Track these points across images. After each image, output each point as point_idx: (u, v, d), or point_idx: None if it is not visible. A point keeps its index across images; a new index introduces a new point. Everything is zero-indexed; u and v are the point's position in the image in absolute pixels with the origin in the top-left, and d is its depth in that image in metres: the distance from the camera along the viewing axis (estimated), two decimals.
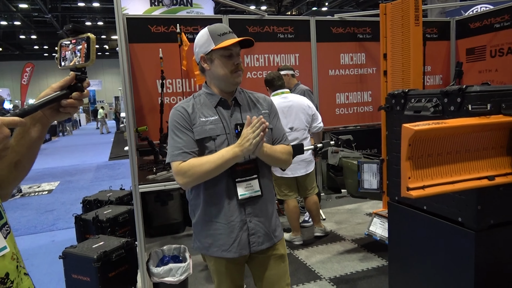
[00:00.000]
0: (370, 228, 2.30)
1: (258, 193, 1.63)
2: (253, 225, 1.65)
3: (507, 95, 1.18)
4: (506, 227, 1.27)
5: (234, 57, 1.62)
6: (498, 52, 5.49)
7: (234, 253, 1.65)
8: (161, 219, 4.43)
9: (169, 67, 4.81)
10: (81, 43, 1.00)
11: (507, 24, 5.34)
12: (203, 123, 1.63)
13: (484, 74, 5.62)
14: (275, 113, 1.77)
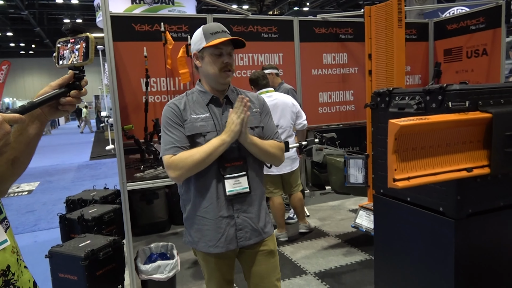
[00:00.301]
0: (356, 221, 2.38)
1: (246, 190, 1.66)
2: (241, 221, 1.68)
3: (483, 93, 1.27)
4: (482, 215, 1.36)
5: (224, 56, 1.64)
6: (473, 53, 5.70)
7: (221, 248, 1.68)
8: (147, 218, 4.44)
9: (154, 65, 4.80)
10: (79, 42, 1.03)
11: (482, 26, 5.55)
12: (194, 120, 1.67)
13: (460, 74, 5.83)
14: (266, 112, 1.80)
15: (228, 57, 1.65)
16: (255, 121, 1.73)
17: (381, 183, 1.61)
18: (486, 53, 5.54)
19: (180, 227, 4.62)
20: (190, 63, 4.90)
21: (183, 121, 1.68)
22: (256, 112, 1.75)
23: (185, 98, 1.75)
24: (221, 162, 1.64)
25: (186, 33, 4.96)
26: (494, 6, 5.41)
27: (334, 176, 3.60)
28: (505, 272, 1.44)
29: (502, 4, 5.29)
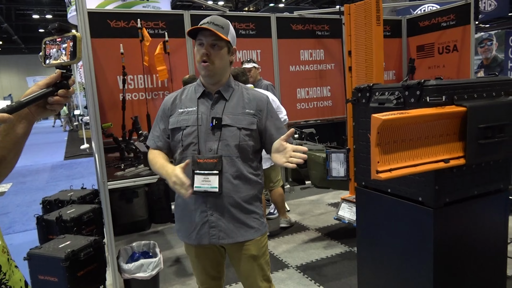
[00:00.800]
0: (339, 213, 2.44)
1: (214, 190, 1.61)
2: (214, 219, 1.66)
3: (457, 88, 1.34)
4: (458, 204, 1.44)
5: (204, 46, 1.59)
6: (445, 49, 5.89)
7: (194, 240, 1.69)
8: (126, 217, 4.39)
9: (131, 63, 4.74)
10: (66, 41, 1.03)
11: (453, 23, 5.74)
12: (179, 114, 1.68)
13: (433, 69, 6.00)
14: (267, 114, 1.70)
15: (208, 48, 1.59)
16: (245, 122, 1.65)
17: (362, 175, 1.66)
18: (457, 49, 5.73)
19: (161, 225, 4.60)
20: (168, 60, 4.87)
21: (169, 115, 1.70)
22: (249, 114, 1.67)
23: (180, 92, 1.77)
24: (194, 156, 1.63)
25: (163, 30, 4.91)
26: (463, 3, 5.59)
27: (314, 171, 3.66)
28: (479, 256, 1.53)
29: (471, 1, 5.48)
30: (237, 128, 1.64)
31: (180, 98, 1.74)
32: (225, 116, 1.65)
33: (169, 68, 4.90)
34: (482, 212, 1.51)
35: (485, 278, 1.56)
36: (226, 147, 1.63)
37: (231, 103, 1.68)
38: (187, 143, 1.66)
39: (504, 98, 1.40)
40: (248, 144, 1.66)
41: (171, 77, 4.96)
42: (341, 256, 3.54)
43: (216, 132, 1.63)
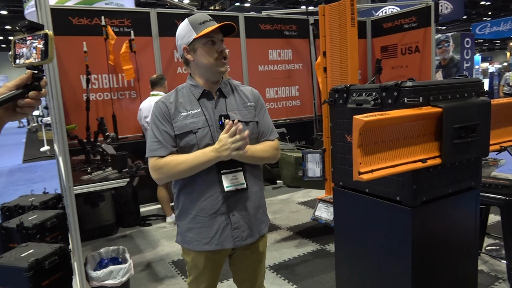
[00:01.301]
0: (316, 213, 2.46)
1: (243, 186, 1.58)
2: (236, 219, 1.61)
3: (433, 89, 1.38)
4: (434, 202, 1.48)
5: (217, 44, 1.56)
6: (407, 50, 6.09)
7: (216, 245, 1.62)
8: (92, 222, 4.23)
9: (95, 61, 4.58)
10: (37, 40, 0.97)
11: (414, 25, 5.94)
12: (183, 117, 1.60)
13: (396, 69, 6.20)
14: (261, 106, 1.71)
15: (221, 45, 1.57)
16: (249, 115, 1.65)
17: (340, 176, 1.67)
18: (419, 50, 5.94)
19: (129, 229, 4.47)
20: (134, 59, 4.74)
21: (171, 120, 1.61)
22: (251, 107, 1.67)
23: (175, 94, 1.67)
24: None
25: (129, 28, 4.78)
26: (424, 6, 5.80)
27: (285, 171, 3.68)
28: (453, 252, 1.58)
29: (432, 4, 5.69)
30: (245, 123, 1.61)
31: (178, 101, 1.65)
32: (231, 113, 1.61)
33: (136, 67, 4.78)
34: (455, 210, 1.57)
35: (459, 273, 1.61)
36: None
37: (231, 99, 1.66)
38: (203, 145, 1.58)
39: (475, 99, 1.45)
40: (254, 137, 1.65)
41: (138, 77, 4.84)
42: (313, 254, 3.57)
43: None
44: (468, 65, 11.56)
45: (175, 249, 3.82)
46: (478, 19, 20.82)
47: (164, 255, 3.71)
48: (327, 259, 3.43)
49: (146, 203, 5.07)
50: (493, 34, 15.36)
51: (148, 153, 1.61)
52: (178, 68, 5.13)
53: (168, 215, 4.43)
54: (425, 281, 1.48)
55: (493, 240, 3.47)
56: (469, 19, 20.69)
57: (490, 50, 33.85)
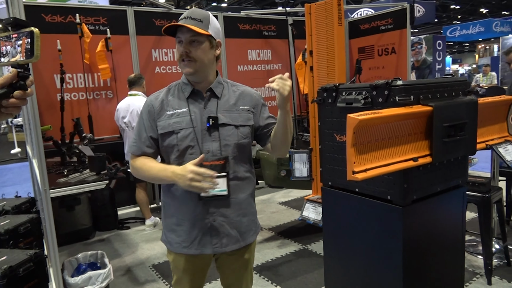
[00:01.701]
0: (303, 214, 2.44)
1: (223, 193, 1.52)
2: (217, 225, 1.56)
3: (422, 88, 1.38)
4: (424, 201, 1.49)
5: (183, 44, 1.50)
6: (384, 51, 6.19)
7: (195, 250, 1.59)
8: (68, 226, 4.08)
9: (69, 60, 4.43)
10: (22, 37, 0.91)
11: (391, 27, 6.05)
12: (168, 116, 1.55)
13: (373, 70, 6.29)
14: (260, 108, 1.64)
15: (187, 46, 1.50)
16: (241, 119, 1.57)
17: (329, 175, 1.66)
18: (395, 52, 6.05)
19: (107, 233, 4.34)
20: (111, 58, 4.62)
21: (156, 119, 1.57)
22: (244, 110, 1.59)
23: (165, 92, 1.62)
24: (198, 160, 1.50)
25: (105, 26, 4.65)
26: (400, 8, 5.91)
27: (267, 171, 3.66)
28: (441, 250, 1.60)
29: (407, 7, 5.80)
30: (234, 127, 1.55)
31: (167, 99, 1.60)
32: (221, 115, 1.55)
33: (112, 66, 4.66)
34: (444, 207, 1.58)
35: (447, 269, 1.63)
36: (225, 147, 1.54)
37: (223, 100, 1.59)
38: (184, 146, 1.53)
39: (463, 98, 1.47)
40: (245, 142, 1.59)
41: (115, 76, 4.72)
42: (295, 254, 3.57)
43: (213, 132, 1.53)
44: (440, 66, 11.89)
45: (155, 252, 3.73)
46: (449, 22, 21.49)
47: (144, 259, 3.62)
48: (310, 259, 3.44)
49: (124, 205, 4.95)
50: (463, 37, 15.86)
51: (129, 148, 1.65)
52: (156, 67, 5.03)
53: (147, 217, 4.33)
54: (415, 279, 1.48)
55: (470, 237, 3.56)
56: (440, 22, 21.32)
57: (459, 52, 35.00)
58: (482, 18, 16.73)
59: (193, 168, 1.38)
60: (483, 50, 19.40)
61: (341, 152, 1.57)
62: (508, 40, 12.56)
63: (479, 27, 14.90)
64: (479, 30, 14.91)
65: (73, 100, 4.57)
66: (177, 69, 5.05)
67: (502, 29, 14.71)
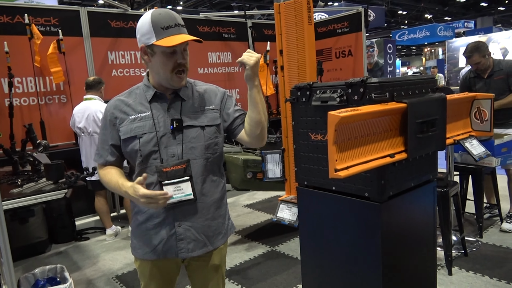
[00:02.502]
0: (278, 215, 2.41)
1: (189, 197, 1.46)
2: (182, 230, 1.51)
3: (396, 86, 1.41)
4: (399, 196, 1.52)
5: (178, 55, 1.42)
6: (341, 54, 6.36)
7: (159, 255, 1.54)
8: (21, 240, 3.82)
9: (18, 63, 4.16)
10: None
11: (347, 30, 6.23)
12: (131, 121, 1.48)
13: (332, 72, 6.44)
14: (225, 102, 1.60)
15: (182, 56, 1.44)
16: (206, 119, 1.51)
17: (304, 175, 1.66)
18: (351, 54, 6.23)
19: (64, 245, 4.11)
20: (64, 60, 4.39)
21: (118, 125, 1.50)
22: (210, 110, 1.54)
23: (126, 95, 1.55)
24: (158, 166, 1.46)
25: (56, 27, 4.42)
26: (355, 12, 6.10)
27: (233, 174, 3.62)
28: (415, 244, 1.64)
29: (361, 11, 6.00)
30: (200, 128, 1.49)
31: (128, 103, 1.52)
32: (185, 117, 1.49)
33: (65, 69, 4.43)
34: (417, 202, 1.63)
35: (421, 263, 1.68)
36: (191, 149, 1.48)
37: (188, 102, 1.52)
38: (146, 152, 1.46)
39: (432, 95, 1.52)
40: (213, 143, 1.52)
41: (68, 80, 4.48)
42: (264, 256, 3.55)
43: (177, 135, 1.47)
44: (391, 69, 12.40)
45: (118, 262, 3.58)
46: (397, 27, 22.53)
47: (107, 270, 3.45)
48: (278, 260, 3.43)
49: (82, 215, 4.71)
50: (411, 40, 16.66)
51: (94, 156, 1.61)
52: (113, 70, 4.84)
53: (107, 227, 4.14)
54: (393, 274, 1.51)
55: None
56: (389, 27, 22.30)
57: (407, 55, 36.82)
58: (427, 23, 17.69)
59: (144, 193, 1.32)
60: (429, 53, 20.52)
61: (316, 151, 1.57)
62: (452, 44, 13.36)
63: (425, 32, 15.73)
64: (425, 34, 15.73)
65: (23, 105, 4.30)
66: (135, 72, 4.89)
67: (446, 33, 15.63)
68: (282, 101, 2.50)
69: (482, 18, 20.06)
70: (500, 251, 3.30)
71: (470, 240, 3.45)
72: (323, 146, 1.53)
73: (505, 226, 3.63)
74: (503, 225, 3.66)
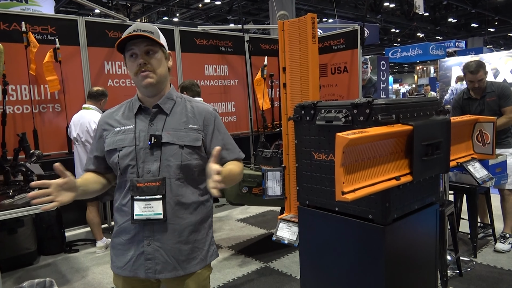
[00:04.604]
0: (277, 234, 2.37)
1: (159, 216, 1.42)
2: (151, 250, 1.47)
3: (401, 107, 1.41)
4: (403, 218, 1.50)
5: (138, 57, 1.42)
6: (337, 70, 6.41)
7: (129, 272, 1.50)
8: (9, 251, 3.72)
9: (13, 71, 4.11)
10: None
11: (343, 47, 6.29)
12: (115, 133, 1.49)
13: (327, 88, 6.48)
14: (213, 128, 1.53)
15: (144, 57, 1.42)
16: (187, 138, 1.46)
17: (306, 194, 1.63)
18: (347, 70, 6.29)
19: (52, 257, 4.01)
20: (60, 69, 4.35)
21: (104, 136, 1.52)
22: (193, 130, 1.49)
23: (116, 108, 1.58)
24: (133, 180, 1.44)
25: (53, 35, 4.40)
26: (351, 30, 6.18)
27: (228, 188, 3.58)
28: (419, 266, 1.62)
29: (358, 28, 6.08)
30: (179, 147, 1.45)
31: (117, 115, 1.54)
32: (166, 133, 1.46)
33: (61, 78, 4.39)
34: (420, 225, 1.61)
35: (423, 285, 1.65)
36: (166, 168, 1.44)
37: (173, 118, 1.49)
38: (124, 165, 1.45)
39: (436, 117, 1.52)
40: (192, 164, 1.48)
41: (64, 89, 4.44)
42: (257, 272, 3.50)
43: (155, 151, 1.44)
44: (384, 85, 12.52)
45: (107, 276, 3.50)
46: (390, 44, 22.87)
47: (96, 284, 3.37)
48: (272, 277, 3.39)
49: (72, 226, 4.62)
50: (403, 58, 16.89)
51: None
52: (109, 80, 4.82)
53: (98, 239, 4.06)
54: None
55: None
56: (382, 44, 22.63)
57: (399, 72, 37.35)
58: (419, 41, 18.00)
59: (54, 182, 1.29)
60: (421, 71, 20.82)
61: (319, 171, 1.56)
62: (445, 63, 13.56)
63: (417, 50, 15.96)
64: (417, 53, 15.97)
65: (16, 113, 4.24)
66: (131, 82, 4.87)
67: (438, 52, 15.88)
68: (284, 118, 2.49)
69: (472, 38, 20.49)
70: (494, 271, 3.30)
71: (464, 260, 3.44)
72: (326, 165, 1.52)
73: (499, 246, 3.64)
74: (497, 245, 3.66)
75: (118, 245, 1.54)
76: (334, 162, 1.13)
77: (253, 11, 16.18)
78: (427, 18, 18.15)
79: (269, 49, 6.31)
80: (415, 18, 16.48)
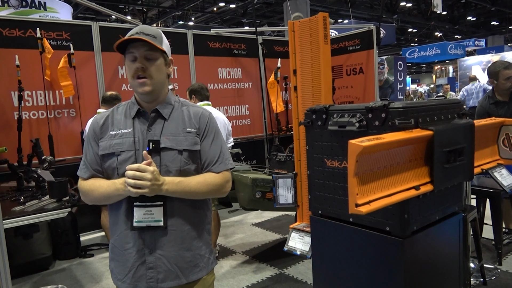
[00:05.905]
0: (289, 244, 2.29)
1: (159, 223, 1.40)
2: (153, 259, 1.43)
3: (420, 111, 1.32)
4: (423, 230, 1.40)
5: (137, 61, 1.39)
6: (352, 71, 6.29)
7: (128, 284, 1.46)
8: (25, 256, 3.74)
9: (29, 77, 4.15)
10: None
11: (358, 47, 6.17)
12: (111, 137, 1.44)
13: (342, 89, 6.35)
14: (208, 132, 1.50)
15: (142, 61, 1.39)
16: (186, 143, 1.44)
17: (319, 203, 1.55)
18: (362, 71, 6.15)
19: (67, 262, 4.02)
20: (74, 74, 4.37)
21: (99, 139, 1.46)
22: (190, 133, 1.46)
23: (111, 111, 1.52)
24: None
25: (68, 41, 4.42)
26: (367, 30, 6.05)
27: (241, 193, 3.51)
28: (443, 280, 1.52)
29: (373, 29, 5.95)
30: (178, 152, 1.42)
31: (112, 118, 1.49)
32: (164, 138, 1.42)
33: (75, 83, 4.41)
34: (442, 236, 1.51)
35: None
36: (166, 173, 1.40)
37: (171, 122, 1.47)
38: (123, 170, 1.38)
39: (459, 121, 1.42)
40: (191, 169, 1.45)
41: (78, 94, 4.46)
42: (272, 279, 3.42)
43: (154, 157, 1.39)
44: (401, 86, 12.30)
45: None
46: (407, 44, 22.48)
47: None
48: (287, 284, 3.30)
49: (87, 231, 4.63)
50: (421, 58, 16.59)
51: (78, 171, 1.52)
52: (123, 85, 4.82)
53: None
54: None
55: None
56: (399, 44, 22.26)
57: (417, 73, 36.71)
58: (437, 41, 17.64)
59: (130, 166, 1.31)
60: (440, 71, 20.39)
61: (332, 179, 1.47)
62: (464, 62, 13.24)
63: (435, 49, 15.64)
64: (435, 52, 15.65)
65: (32, 119, 4.28)
66: None
67: (456, 51, 15.53)
68: (295, 122, 2.41)
69: (493, 36, 19.95)
70: None
71: (488, 268, 3.28)
72: (339, 173, 1.44)
73: None
74: None
75: (116, 255, 1.49)
76: (347, 170, 1.05)
77: (268, 14, 16.13)
78: (445, 17, 17.76)
79: (283, 51, 6.24)
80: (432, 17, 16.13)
